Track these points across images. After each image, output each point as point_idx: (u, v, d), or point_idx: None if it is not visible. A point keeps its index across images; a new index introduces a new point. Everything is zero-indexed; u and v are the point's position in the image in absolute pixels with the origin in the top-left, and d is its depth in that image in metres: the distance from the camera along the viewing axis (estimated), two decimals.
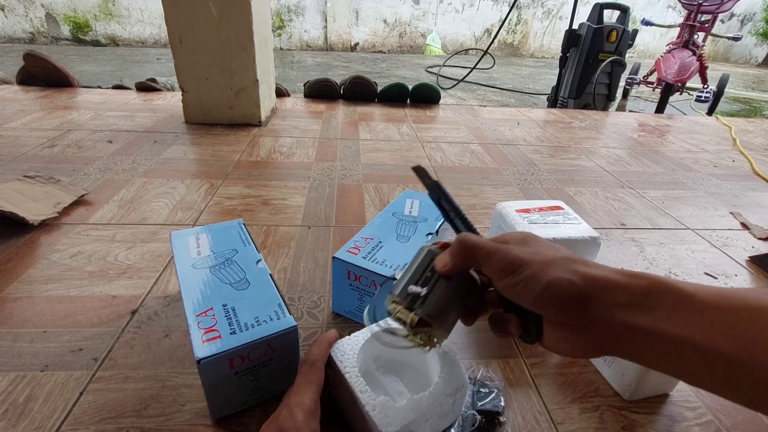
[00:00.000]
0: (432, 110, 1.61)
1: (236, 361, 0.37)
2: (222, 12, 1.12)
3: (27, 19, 4.41)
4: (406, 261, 0.50)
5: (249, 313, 0.40)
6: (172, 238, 0.51)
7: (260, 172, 0.96)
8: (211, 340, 0.37)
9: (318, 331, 0.52)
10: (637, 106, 3.05)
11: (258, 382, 0.40)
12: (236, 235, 0.52)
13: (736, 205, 0.97)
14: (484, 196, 0.92)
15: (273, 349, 0.39)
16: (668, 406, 0.45)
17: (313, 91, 1.64)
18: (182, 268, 0.45)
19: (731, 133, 1.57)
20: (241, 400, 0.41)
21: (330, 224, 0.76)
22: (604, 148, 1.31)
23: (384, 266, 0.49)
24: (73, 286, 0.57)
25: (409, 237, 0.56)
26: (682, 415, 0.45)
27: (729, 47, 6.25)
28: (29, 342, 0.48)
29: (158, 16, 4.60)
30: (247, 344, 0.37)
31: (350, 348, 0.38)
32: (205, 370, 0.36)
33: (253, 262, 0.47)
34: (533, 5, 5.50)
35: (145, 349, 0.48)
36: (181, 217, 0.75)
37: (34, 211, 0.70)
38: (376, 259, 0.50)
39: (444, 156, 1.14)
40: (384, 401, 0.33)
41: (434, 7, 5.33)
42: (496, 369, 0.48)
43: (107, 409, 0.41)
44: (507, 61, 5.08)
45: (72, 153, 1.00)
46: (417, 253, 0.33)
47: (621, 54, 2.19)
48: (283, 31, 5.12)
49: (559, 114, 1.72)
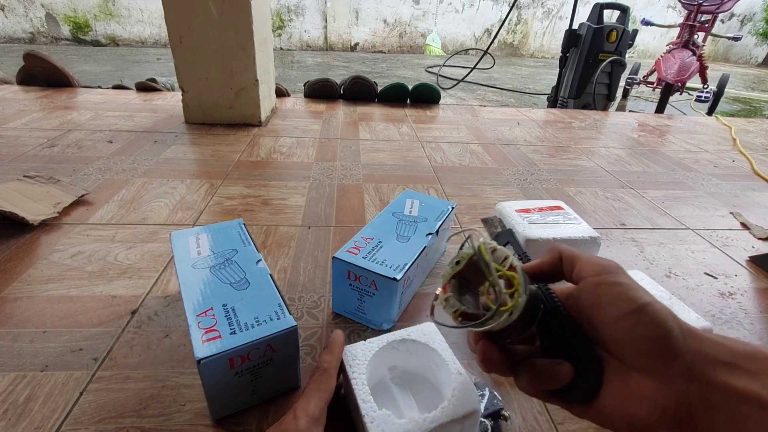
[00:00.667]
0: (432, 110, 1.61)
1: (236, 361, 0.37)
2: (222, 12, 1.12)
3: (27, 19, 4.41)
4: (406, 261, 0.51)
5: (249, 313, 0.40)
6: (172, 238, 0.51)
7: (260, 172, 0.96)
8: (211, 340, 0.37)
9: (318, 331, 0.52)
10: (637, 106, 3.05)
11: (258, 383, 0.40)
12: (236, 235, 0.52)
13: (736, 205, 0.97)
14: (485, 196, 0.92)
15: (273, 349, 0.39)
16: None
17: (313, 91, 1.64)
18: (182, 268, 0.45)
19: (731, 133, 1.57)
20: (241, 400, 0.41)
21: (330, 224, 0.76)
22: (604, 148, 1.31)
23: (384, 266, 0.49)
24: (73, 286, 0.57)
25: (409, 237, 0.56)
26: None
27: (729, 47, 6.25)
28: (29, 342, 0.48)
29: (158, 16, 4.61)
30: (247, 344, 0.37)
31: (362, 354, 0.37)
32: (205, 370, 0.36)
33: (253, 262, 0.47)
34: (533, 5, 5.50)
35: (145, 349, 0.48)
36: (181, 217, 0.75)
37: (34, 211, 0.70)
38: (376, 259, 0.50)
39: (444, 156, 1.14)
40: (384, 415, 0.32)
41: (434, 7, 5.33)
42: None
43: (107, 409, 0.41)
44: (507, 61, 5.08)
45: (72, 153, 1.00)
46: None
47: (621, 54, 2.19)
48: (283, 31, 5.12)
49: (559, 114, 1.72)
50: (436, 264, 0.66)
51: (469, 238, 0.28)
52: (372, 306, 0.51)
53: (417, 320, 0.55)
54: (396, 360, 0.40)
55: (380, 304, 0.50)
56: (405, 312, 0.56)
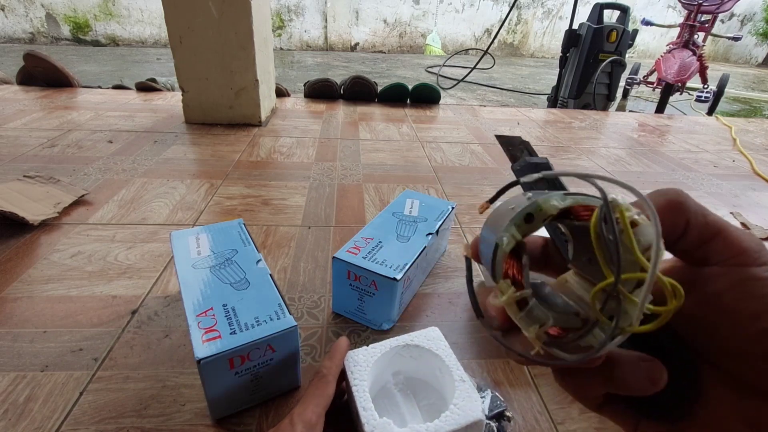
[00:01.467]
0: (432, 110, 1.61)
1: (236, 361, 0.37)
2: (222, 12, 1.12)
3: (27, 19, 4.41)
4: (406, 261, 0.51)
5: (249, 313, 0.40)
6: (172, 238, 0.51)
7: (260, 172, 0.96)
8: (211, 340, 0.37)
9: (318, 331, 0.52)
10: (637, 106, 3.05)
11: (258, 382, 0.40)
12: (236, 235, 0.52)
13: (737, 205, 0.97)
14: (485, 196, 0.92)
15: (273, 349, 0.39)
16: None
17: (313, 91, 1.64)
18: (182, 268, 0.45)
19: (731, 133, 1.57)
20: (241, 400, 0.41)
21: (330, 224, 0.76)
22: (604, 148, 1.31)
23: (384, 266, 0.49)
24: (73, 286, 0.57)
25: (409, 237, 0.56)
26: None
27: (729, 47, 6.25)
28: (29, 342, 0.48)
29: (158, 16, 4.61)
30: (248, 344, 0.37)
31: (364, 359, 0.37)
32: (206, 370, 0.36)
33: (253, 262, 0.47)
34: (533, 5, 5.50)
35: (145, 349, 0.48)
36: (181, 217, 0.75)
37: (34, 211, 0.70)
38: (376, 259, 0.50)
39: (444, 156, 1.14)
40: (383, 423, 0.32)
41: (434, 7, 5.33)
42: (481, 368, 0.48)
43: (107, 409, 0.41)
44: (507, 61, 5.08)
45: (72, 153, 1.00)
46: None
47: (621, 54, 2.19)
48: (283, 31, 5.12)
49: (559, 114, 1.72)
50: (436, 264, 0.66)
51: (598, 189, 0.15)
52: (372, 306, 0.51)
53: (417, 320, 0.55)
54: (400, 365, 0.40)
55: (380, 304, 0.50)
56: (405, 312, 0.56)
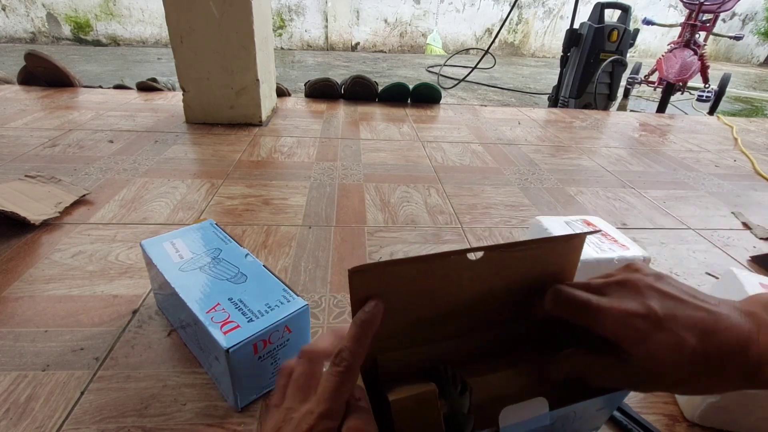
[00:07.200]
0: (433, 110, 1.61)
1: (259, 345, 0.39)
2: (223, 12, 1.12)
3: (28, 18, 4.42)
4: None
5: (258, 301, 0.41)
6: (145, 246, 0.49)
7: (261, 172, 0.96)
8: (232, 330, 0.38)
9: (319, 331, 0.52)
10: (638, 106, 3.04)
11: (277, 364, 0.42)
12: (213, 235, 0.52)
13: (738, 204, 0.97)
14: (485, 195, 0.92)
15: (290, 330, 0.41)
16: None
17: (313, 90, 1.64)
18: (170, 274, 0.45)
19: (733, 132, 1.57)
20: (262, 384, 0.42)
21: (331, 224, 0.76)
22: (605, 148, 1.31)
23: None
24: (75, 285, 0.57)
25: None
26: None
27: (730, 47, 6.24)
28: (30, 341, 0.48)
29: (159, 16, 4.61)
30: (269, 327, 0.39)
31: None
32: (234, 358, 0.37)
33: (242, 257, 0.48)
34: (534, 5, 5.50)
35: (146, 348, 0.48)
36: (182, 217, 0.75)
37: (35, 210, 0.70)
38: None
39: (445, 156, 1.14)
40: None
41: (435, 7, 5.33)
42: None
43: (108, 408, 0.41)
44: (508, 60, 5.08)
45: (73, 153, 1.00)
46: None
47: (622, 53, 2.19)
48: (284, 31, 5.12)
49: (560, 113, 1.71)
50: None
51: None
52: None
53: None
54: None
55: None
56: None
